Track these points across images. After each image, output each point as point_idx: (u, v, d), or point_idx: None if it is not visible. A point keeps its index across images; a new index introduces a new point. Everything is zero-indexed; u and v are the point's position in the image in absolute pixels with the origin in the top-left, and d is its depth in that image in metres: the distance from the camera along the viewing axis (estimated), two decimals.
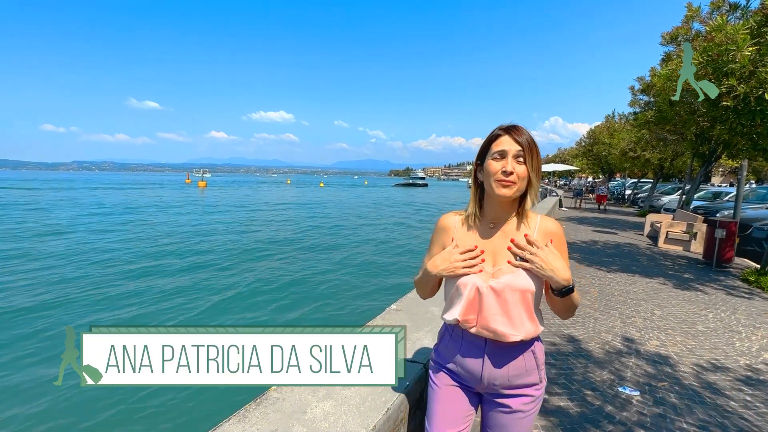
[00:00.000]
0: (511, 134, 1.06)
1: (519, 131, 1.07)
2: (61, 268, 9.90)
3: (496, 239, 1.14)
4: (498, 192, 1.06)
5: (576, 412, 2.47)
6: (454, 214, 1.24)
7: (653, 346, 3.55)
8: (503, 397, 1.17)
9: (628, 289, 5.38)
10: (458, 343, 1.19)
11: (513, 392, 1.16)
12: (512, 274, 1.09)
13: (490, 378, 1.15)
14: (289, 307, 7.60)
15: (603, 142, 21.69)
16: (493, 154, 1.07)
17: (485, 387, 1.18)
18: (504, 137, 1.07)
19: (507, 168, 1.03)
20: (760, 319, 4.36)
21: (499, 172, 1.04)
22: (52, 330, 6.19)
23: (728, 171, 36.28)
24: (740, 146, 5.86)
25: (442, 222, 1.23)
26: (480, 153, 1.14)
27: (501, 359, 1.14)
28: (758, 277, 5.77)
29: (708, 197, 14.87)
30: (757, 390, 2.83)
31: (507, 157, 1.05)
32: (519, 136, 1.05)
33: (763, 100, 4.42)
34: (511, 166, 1.04)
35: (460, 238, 1.18)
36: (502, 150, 1.05)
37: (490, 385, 1.16)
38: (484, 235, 1.16)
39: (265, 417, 1.34)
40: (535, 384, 1.18)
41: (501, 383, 1.15)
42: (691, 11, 6.05)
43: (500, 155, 1.06)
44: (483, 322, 1.10)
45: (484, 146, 1.12)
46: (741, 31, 4.25)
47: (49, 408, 4.32)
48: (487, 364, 1.14)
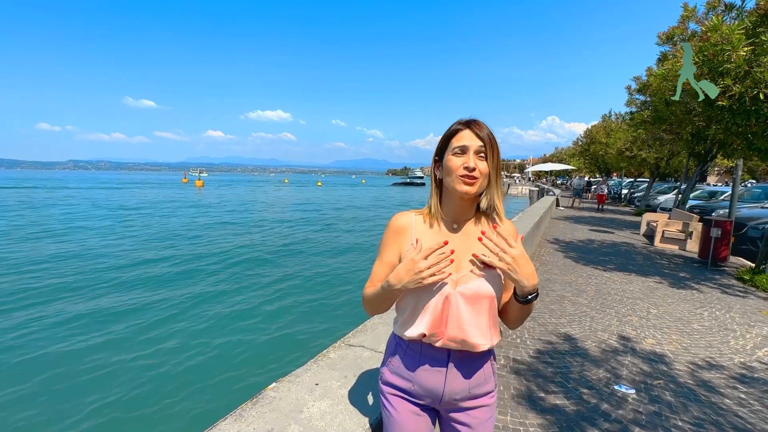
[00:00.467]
0: (471, 129, 1.00)
1: (479, 125, 1.01)
2: (55, 268, 9.85)
3: (459, 241, 1.06)
4: (460, 189, 1.00)
5: (572, 411, 2.48)
6: (410, 213, 1.12)
7: (649, 344, 3.57)
8: (461, 411, 1.09)
9: (624, 288, 5.40)
10: (416, 360, 1.07)
11: (472, 404, 1.09)
12: (480, 279, 1.01)
13: (452, 392, 1.06)
14: (285, 306, 7.60)
15: (600, 141, 21.79)
16: (454, 149, 1.01)
17: (445, 403, 1.08)
18: (464, 132, 1.01)
19: (469, 164, 0.98)
20: (755, 317, 4.39)
21: (461, 167, 0.98)
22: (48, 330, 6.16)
23: (724, 170, 36.52)
24: (735, 146, 5.90)
25: (397, 222, 1.10)
26: (439, 148, 1.07)
27: (464, 371, 1.06)
28: (753, 275, 5.82)
29: (704, 196, 14.96)
30: (752, 387, 2.85)
31: (468, 153, 0.99)
32: (480, 131, 1.00)
33: (758, 100, 4.45)
34: (473, 162, 0.98)
35: (424, 240, 1.07)
36: (463, 145, 0.99)
37: (450, 401, 1.07)
38: (448, 236, 1.07)
39: (261, 416, 1.33)
40: (491, 392, 1.11)
41: (462, 396, 1.07)
42: (687, 11, 6.07)
43: (461, 150, 1.00)
44: (452, 334, 1.01)
45: (443, 141, 1.05)
46: (736, 32, 4.27)
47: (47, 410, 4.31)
48: (449, 378, 1.05)
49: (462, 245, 1.06)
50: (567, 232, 10.74)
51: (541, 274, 6.04)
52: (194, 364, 5.32)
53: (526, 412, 2.46)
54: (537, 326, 3.91)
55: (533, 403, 2.56)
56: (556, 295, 4.96)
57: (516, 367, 3.06)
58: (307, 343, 6.01)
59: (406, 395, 1.10)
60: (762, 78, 4.24)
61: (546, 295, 4.98)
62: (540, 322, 4.01)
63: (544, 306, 4.54)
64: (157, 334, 6.16)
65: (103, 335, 6.06)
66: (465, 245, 1.06)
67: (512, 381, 2.84)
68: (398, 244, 1.09)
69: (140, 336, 6.09)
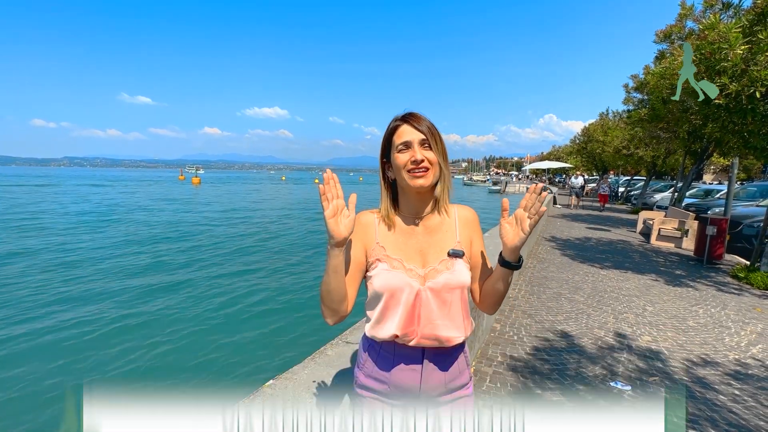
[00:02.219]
0: (410, 123, 1.00)
1: (417, 118, 1.01)
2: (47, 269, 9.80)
3: (421, 236, 1.06)
4: (414, 183, 0.99)
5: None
6: (370, 212, 1.10)
7: (645, 341, 3.59)
8: (440, 406, 1.06)
9: (620, 286, 5.43)
10: (389, 360, 1.04)
11: (448, 398, 1.06)
12: (448, 272, 1.01)
13: (429, 389, 1.03)
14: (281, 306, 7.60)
15: (597, 139, 21.81)
16: (398, 146, 1.00)
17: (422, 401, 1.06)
18: (404, 127, 1.01)
19: (416, 156, 0.97)
20: (749, 314, 4.42)
21: (409, 162, 0.98)
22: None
23: (720, 169, 36.72)
24: (732, 144, 5.92)
25: (359, 219, 1.07)
26: (383, 149, 1.06)
27: (440, 366, 1.04)
28: (748, 273, 5.86)
29: (700, 195, 15.05)
30: (746, 384, 2.87)
31: (413, 147, 0.99)
32: (419, 124, 1.00)
33: (754, 98, 4.47)
34: (420, 154, 0.98)
35: (383, 237, 1.06)
36: (406, 141, 0.99)
37: (428, 398, 1.05)
38: (407, 232, 1.06)
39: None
40: (466, 383, 1.09)
41: (439, 391, 1.05)
42: (684, 9, 6.08)
43: (405, 146, 1.00)
44: (425, 331, 0.99)
45: (386, 140, 1.05)
46: (733, 30, 4.28)
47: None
48: (426, 375, 1.03)
49: (426, 240, 1.05)
50: (564, 229, 10.77)
51: (538, 271, 6.06)
52: (190, 361, 5.31)
53: None
54: (534, 323, 3.93)
55: (530, 400, 2.57)
56: (553, 293, 4.98)
57: (513, 364, 3.07)
58: (304, 339, 6.00)
59: (382, 398, 1.06)
60: (758, 76, 4.25)
61: (543, 292, 5.00)
62: (537, 320, 4.03)
63: (541, 303, 4.56)
64: (151, 331, 6.14)
65: (98, 329, 6.03)
66: (429, 240, 1.05)
67: (509, 378, 2.85)
68: (363, 241, 1.05)
69: (135, 333, 6.07)
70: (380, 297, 1.00)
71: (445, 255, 1.03)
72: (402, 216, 1.08)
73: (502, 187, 49.00)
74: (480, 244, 1.10)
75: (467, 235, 1.08)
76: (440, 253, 1.04)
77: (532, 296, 4.81)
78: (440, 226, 1.07)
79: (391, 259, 1.02)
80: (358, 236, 1.05)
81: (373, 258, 1.04)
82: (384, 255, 1.03)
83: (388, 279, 0.99)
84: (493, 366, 3.02)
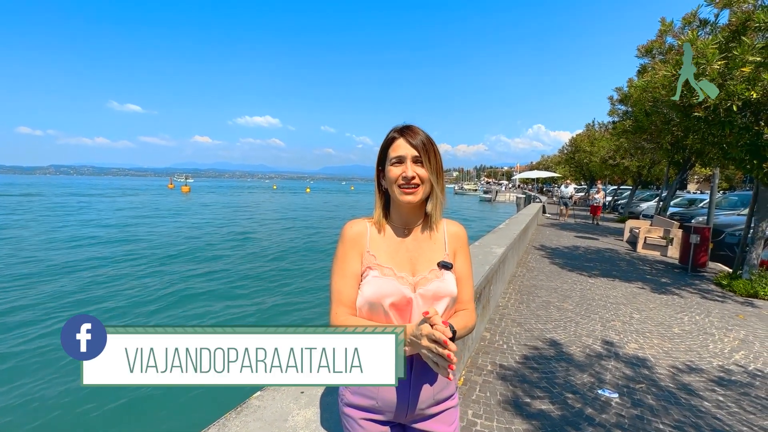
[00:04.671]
0: (405, 137, 1.01)
1: (413, 132, 1.01)
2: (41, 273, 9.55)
3: (410, 245, 1.07)
4: (402, 199, 1.01)
5: (557, 415, 2.51)
6: (361, 221, 1.10)
7: (632, 348, 3.64)
8: (427, 419, 1.06)
9: (608, 294, 5.51)
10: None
11: (437, 409, 1.06)
12: (438, 280, 1.02)
13: (417, 401, 1.02)
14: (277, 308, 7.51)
15: (584, 149, 22.27)
16: (392, 159, 1.01)
17: (411, 415, 1.04)
18: (399, 141, 1.02)
19: (407, 173, 0.99)
20: (732, 321, 4.52)
21: (400, 177, 1.00)
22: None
23: (703, 178, 37.66)
24: (712, 155, 6.11)
25: (351, 230, 1.07)
26: (379, 158, 1.08)
27: (428, 378, 1.03)
28: (730, 281, 6.00)
29: (684, 204, 15.41)
30: (729, 390, 2.93)
31: (405, 162, 1.00)
32: (414, 139, 1.00)
33: (731, 111, 4.63)
34: (412, 171, 0.99)
35: (374, 246, 1.06)
36: (399, 155, 1.00)
37: (416, 411, 1.03)
38: (398, 242, 1.07)
39: (245, 426, 1.32)
40: (452, 395, 1.09)
41: (427, 404, 1.04)
42: (664, 26, 6.30)
43: (398, 161, 1.00)
44: None
45: (382, 151, 1.06)
46: (710, 46, 4.46)
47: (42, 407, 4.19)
48: (414, 387, 1.01)
49: (415, 248, 1.07)
50: (553, 238, 10.91)
51: (527, 280, 6.12)
52: None
53: (512, 418, 2.48)
54: (523, 332, 3.95)
55: (519, 408, 2.58)
56: (541, 301, 5.03)
57: (502, 372, 3.08)
58: None
59: (371, 414, 1.03)
60: (735, 90, 4.42)
61: (532, 301, 5.04)
62: (526, 328, 4.06)
63: (531, 312, 4.59)
64: None
65: None
66: (418, 248, 1.07)
67: (498, 387, 2.86)
68: (358, 252, 1.05)
69: None
70: (371, 304, 0.99)
71: (434, 265, 1.05)
72: (393, 225, 1.10)
73: (492, 196, 49.55)
74: (464, 260, 1.11)
75: (453, 249, 1.10)
76: (429, 263, 1.05)
77: (521, 305, 4.85)
78: (429, 237, 1.09)
79: (383, 267, 1.03)
80: (353, 248, 1.05)
81: (364, 266, 1.04)
82: (375, 263, 1.03)
83: (380, 286, 0.99)
84: (482, 375, 3.03)
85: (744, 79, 4.41)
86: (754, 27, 4.37)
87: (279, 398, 1.49)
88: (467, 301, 1.10)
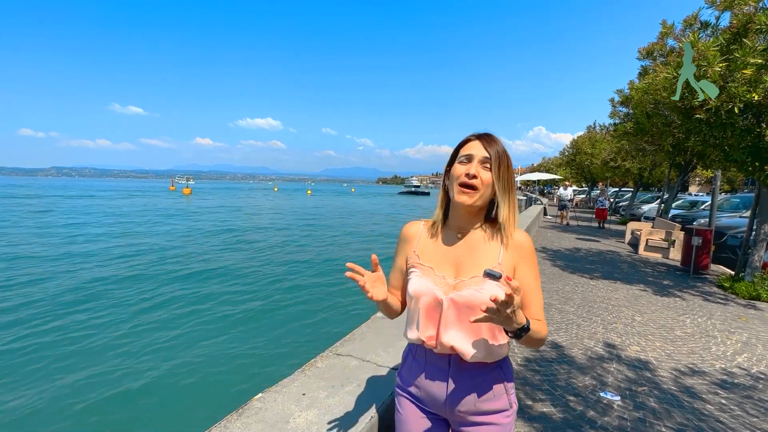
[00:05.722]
0: (481, 140, 1.02)
1: (491, 139, 1.02)
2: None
3: (460, 249, 1.07)
4: (458, 198, 1.00)
5: (559, 418, 2.50)
6: (419, 222, 1.16)
7: (634, 351, 3.62)
8: (471, 425, 1.07)
9: (609, 296, 5.49)
10: (421, 365, 1.09)
11: (481, 419, 1.05)
12: (475, 288, 0.99)
13: (455, 403, 1.05)
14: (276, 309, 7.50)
15: (585, 151, 22.27)
16: (460, 157, 1.03)
17: (450, 413, 1.08)
18: (474, 142, 1.03)
19: (470, 171, 0.98)
20: (735, 324, 4.50)
21: (463, 175, 1.00)
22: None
23: (704, 180, 37.61)
24: (713, 157, 6.10)
25: (406, 231, 1.16)
26: (450, 159, 1.09)
27: (465, 382, 1.04)
28: (733, 283, 5.97)
29: (685, 206, 15.37)
30: (732, 393, 2.91)
31: (473, 162, 1.00)
32: (489, 144, 1.01)
33: (733, 113, 4.63)
34: (476, 170, 0.98)
35: (422, 246, 1.11)
36: (469, 154, 1.01)
37: (455, 412, 1.06)
38: (448, 243, 1.09)
39: (246, 428, 1.32)
40: (504, 410, 1.07)
41: (467, 409, 1.05)
42: (665, 28, 6.32)
43: (467, 159, 1.01)
44: (443, 339, 1.01)
45: (454, 152, 1.08)
46: (711, 48, 4.46)
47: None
48: (451, 388, 1.04)
49: (465, 253, 1.05)
50: (554, 240, 10.89)
51: None
52: (179, 374, 5.20)
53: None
54: None
55: (521, 411, 2.57)
56: (544, 303, 5.00)
57: None
58: (294, 352, 5.93)
59: (416, 401, 1.12)
60: (736, 92, 4.42)
61: None
62: None
63: None
64: (139, 345, 6.01)
65: (83, 344, 5.88)
66: (467, 253, 1.05)
67: None
68: (405, 250, 1.15)
69: (122, 346, 5.93)
70: (411, 300, 1.07)
71: (479, 272, 1.00)
72: (447, 227, 1.11)
73: None
74: (527, 272, 1.04)
75: (511, 260, 1.03)
76: (475, 269, 1.02)
77: None
78: (483, 244, 1.05)
79: (424, 267, 1.07)
80: (402, 249, 1.16)
81: (409, 265, 1.12)
82: (417, 263, 1.09)
83: (416, 284, 1.05)
84: None
85: (745, 81, 4.41)
86: (756, 29, 4.37)
87: (280, 400, 1.49)
88: (536, 313, 1.04)
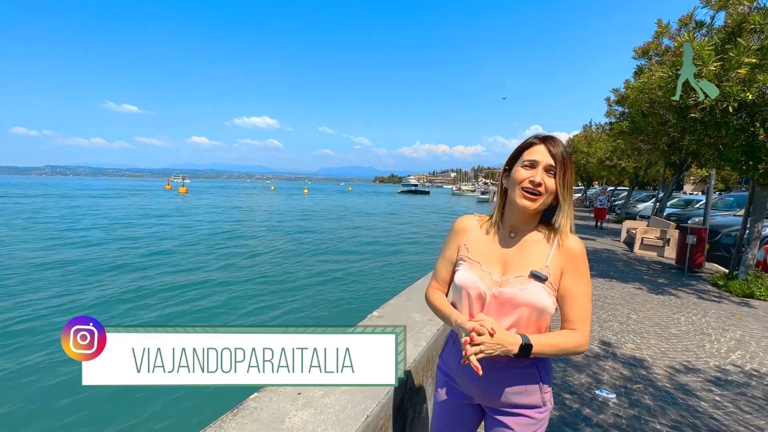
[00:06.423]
0: (546, 144, 1.02)
1: (554, 143, 1.02)
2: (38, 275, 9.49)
3: (511, 248, 1.09)
4: (520, 202, 1.01)
5: (555, 416, 2.51)
6: (472, 217, 1.19)
7: (629, 349, 3.65)
8: (503, 414, 1.10)
9: (605, 294, 5.52)
10: (459, 352, 1.12)
11: (512, 410, 1.09)
12: (520, 286, 1.02)
13: (486, 392, 1.09)
14: (276, 307, 7.48)
15: (581, 150, 22.35)
16: (524, 162, 1.02)
17: (481, 400, 1.13)
18: (538, 146, 1.02)
19: (535, 178, 0.99)
20: (729, 321, 4.54)
21: (527, 180, 1.00)
22: None
23: (699, 179, 37.91)
24: (708, 156, 6.15)
25: (459, 223, 1.19)
26: (510, 159, 1.09)
27: (496, 374, 1.07)
28: (726, 281, 6.03)
29: (680, 205, 15.49)
30: (726, 390, 2.94)
31: (537, 168, 1.00)
32: (554, 148, 1.01)
33: (727, 112, 4.66)
34: (541, 177, 0.99)
35: (473, 241, 1.14)
36: (534, 160, 1.01)
37: (488, 401, 1.11)
38: (499, 241, 1.11)
39: (241, 428, 1.31)
40: (537, 406, 1.09)
41: (496, 399, 1.09)
42: (661, 27, 6.34)
43: (531, 164, 1.01)
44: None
45: (516, 153, 1.07)
46: (706, 48, 4.48)
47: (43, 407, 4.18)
48: (483, 378, 1.08)
49: (516, 253, 1.08)
50: None
51: None
52: None
53: None
54: None
55: None
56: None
57: None
58: None
59: (452, 383, 1.18)
60: (731, 92, 4.44)
61: None
62: None
63: None
64: None
65: None
66: (516, 252, 1.08)
67: None
68: (456, 242, 1.18)
69: None
70: (456, 290, 1.13)
71: (526, 272, 1.03)
72: (500, 226, 1.14)
73: (490, 197, 49.66)
74: (574, 278, 1.04)
75: (559, 264, 1.05)
76: (522, 269, 1.05)
77: None
78: (534, 245, 1.07)
79: (472, 261, 1.11)
80: (454, 240, 1.19)
81: (458, 257, 1.16)
82: (466, 256, 1.13)
83: (462, 276, 1.10)
84: None
85: (740, 81, 4.43)
86: (750, 29, 4.40)
87: (276, 399, 1.48)
88: (574, 321, 1.05)
